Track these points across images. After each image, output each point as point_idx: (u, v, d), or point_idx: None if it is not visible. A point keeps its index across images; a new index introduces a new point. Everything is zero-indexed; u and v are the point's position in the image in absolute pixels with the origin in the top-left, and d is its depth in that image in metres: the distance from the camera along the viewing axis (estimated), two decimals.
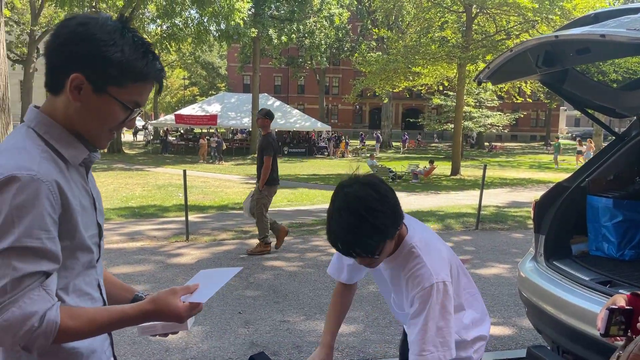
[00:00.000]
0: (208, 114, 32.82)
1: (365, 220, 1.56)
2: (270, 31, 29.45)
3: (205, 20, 27.90)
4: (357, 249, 1.60)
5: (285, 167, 24.56)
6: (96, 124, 1.23)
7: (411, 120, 50.20)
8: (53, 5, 33.39)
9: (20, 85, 39.32)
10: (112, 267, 6.06)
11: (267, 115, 6.67)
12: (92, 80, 1.18)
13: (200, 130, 38.37)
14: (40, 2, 36.79)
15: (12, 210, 1.07)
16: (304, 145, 35.16)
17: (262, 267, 6.17)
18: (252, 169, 22.84)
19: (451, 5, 20.95)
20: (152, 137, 38.97)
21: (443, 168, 22.16)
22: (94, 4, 25.42)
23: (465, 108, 31.27)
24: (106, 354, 1.33)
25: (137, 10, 28.85)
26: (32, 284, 1.08)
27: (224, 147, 28.73)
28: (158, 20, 28.35)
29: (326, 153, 34.52)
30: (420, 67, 20.69)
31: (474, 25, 20.28)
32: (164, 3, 24.22)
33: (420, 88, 25.91)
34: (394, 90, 25.55)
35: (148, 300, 1.23)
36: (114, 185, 14.97)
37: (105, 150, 29.95)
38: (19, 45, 39.31)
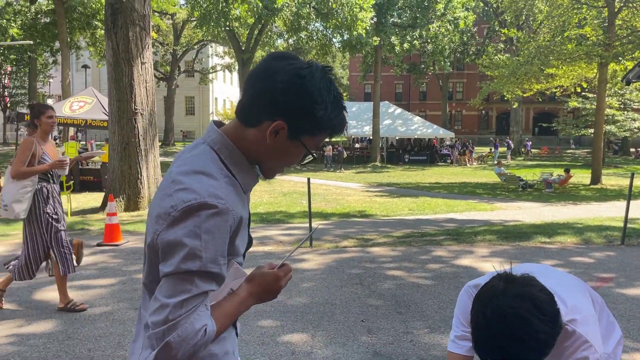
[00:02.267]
0: None
1: (523, 343, 1.38)
2: (393, 39, 29.40)
3: (329, 32, 28.65)
4: None
5: (406, 175, 24.25)
6: (278, 161, 1.34)
7: (544, 125, 46.94)
8: (193, 26, 36.53)
9: (164, 100, 43.57)
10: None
11: None
12: (291, 128, 1.26)
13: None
14: (181, 24, 40.47)
15: (203, 234, 1.15)
16: (425, 152, 34.48)
17: (384, 277, 6.12)
18: (372, 177, 22.90)
19: (591, 0, 19.26)
20: None
21: (581, 177, 20.36)
22: (228, 24, 27.31)
23: (608, 111, 28.47)
24: (235, 354, 1.39)
25: (266, 27, 30.48)
26: (201, 302, 1.18)
27: (345, 155, 29.12)
28: (285, 35, 29.64)
29: (449, 160, 33.50)
30: (554, 69, 19.27)
31: (617, 21, 18.44)
32: (291, 18, 25.28)
33: (554, 90, 24.12)
34: (525, 94, 24.06)
35: (247, 282, 1.34)
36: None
37: None
38: (163, 64, 43.52)
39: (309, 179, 8.60)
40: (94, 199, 13.21)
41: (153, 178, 11.53)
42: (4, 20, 24.58)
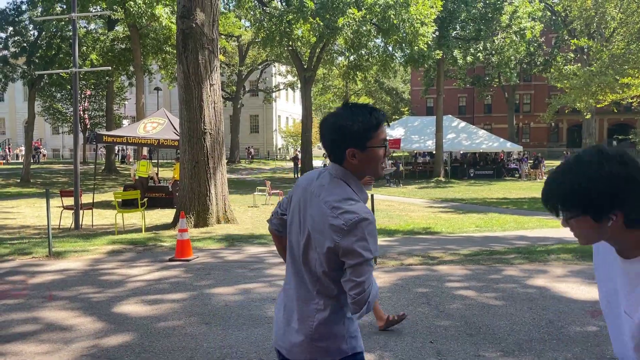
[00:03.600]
0: (392, 138, 33.38)
1: (569, 173, 1.34)
2: (455, 52, 28.95)
3: (389, 47, 28.63)
4: (552, 197, 1.38)
5: (472, 190, 23.62)
6: (373, 166, 1.93)
7: (620, 137, 44.37)
8: (257, 47, 37.64)
9: (230, 119, 45.03)
10: None
11: None
12: (358, 146, 1.90)
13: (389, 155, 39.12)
14: (246, 45, 41.81)
15: (367, 237, 1.79)
16: (491, 167, 33.48)
17: (452, 296, 5.96)
18: (436, 192, 22.47)
19: None
20: None
21: None
22: (290, 44, 27.92)
23: None
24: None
25: (327, 45, 30.89)
26: (371, 277, 1.83)
27: (401, 169, 28.64)
28: (346, 53, 29.90)
29: (517, 175, 32.32)
30: (630, 78, 18.25)
31: None
32: (352, 36, 25.50)
33: (630, 100, 22.81)
34: (599, 105, 22.90)
35: None
36: None
37: (299, 175, 32.34)
38: (229, 85, 45.02)
39: (372, 195, 8.56)
40: (165, 215, 13.79)
41: (221, 195, 11.90)
42: (85, 48, 26.39)
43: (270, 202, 17.65)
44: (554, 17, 39.82)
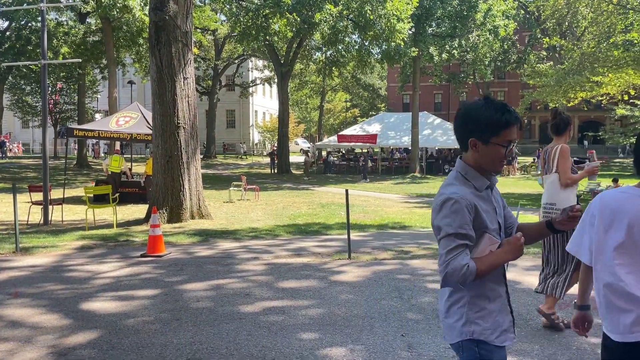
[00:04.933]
0: (368, 134, 33.52)
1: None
2: (431, 49, 29.15)
3: (366, 43, 28.69)
4: None
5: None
6: (491, 161, 2.11)
7: (590, 133, 45.42)
8: (234, 41, 37.32)
9: (206, 114, 44.54)
10: (281, 281, 6.42)
11: None
12: (481, 139, 2.09)
13: (360, 150, 39.29)
14: (222, 40, 41.40)
15: (450, 214, 2.02)
16: None
17: (424, 290, 6.01)
18: (411, 188, 22.64)
19: (638, 5, 18.62)
20: (316, 158, 40.94)
21: None
22: (267, 39, 27.74)
23: None
24: (508, 331, 2.15)
25: (304, 41, 30.79)
26: (461, 251, 1.99)
27: (369, 165, 28.71)
28: (323, 48, 29.85)
29: None
30: (600, 76, 18.66)
31: None
32: (329, 32, 25.45)
33: (600, 98, 23.33)
34: (569, 104, 23.35)
35: (500, 246, 2.10)
36: (283, 204, 15.97)
37: (276, 170, 32.26)
38: (205, 79, 44.53)
39: (347, 190, 8.58)
40: (138, 210, 13.58)
41: (195, 190, 11.77)
42: (55, 41, 25.74)
43: (246, 197, 17.54)
44: (527, 16, 40.44)
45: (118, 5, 22.00)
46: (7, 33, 25.54)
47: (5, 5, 23.08)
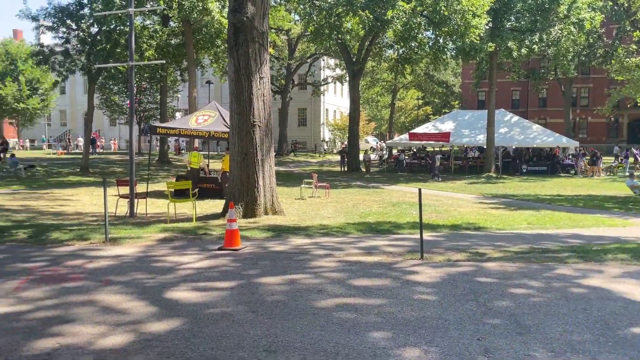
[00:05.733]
0: (441, 132, 32.80)
1: None
2: (510, 44, 28.02)
3: (440, 40, 28.08)
4: None
5: (524, 186, 22.92)
6: None
7: None
8: (306, 40, 37.78)
9: (278, 112, 45.43)
10: (353, 279, 6.45)
11: None
12: None
13: (432, 149, 38.55)
14: (296, 39, 42.05)
15: None
16: (545, 162, 32.33)
17: (501, 294, 5.82)
18: (486, 188, 21.92)
19: None
20: (387, 156, 40.63)
21: None
22: (339, 37, 27.86)
23: None
24: None
25: (376, 38, 30.62)
26: None
27: (438, 163, 27.91)
28: (395, 45, 29.55)
29: (573, 171, 31.07)
30: None
31: None
32: (401, 29, 25.15)
33: None
34: None
35: None
36: (353, 202, 16.00)
37: (346, 168, 32.35)
38: (279, 78, 45.43)
39: (420, 190, 8.46)
40: (214, 205, 14.11)
41: (269, 187, 12.06)
42: (141, 43, 27.25)
43: (317, 194, 17.74)
44: (615, 8, 37.87)
45: (198, 8, 22.93)
46: (98, 36, 27.33)
47: (96, 10, 24.72)
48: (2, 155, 32.66)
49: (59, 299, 5.64)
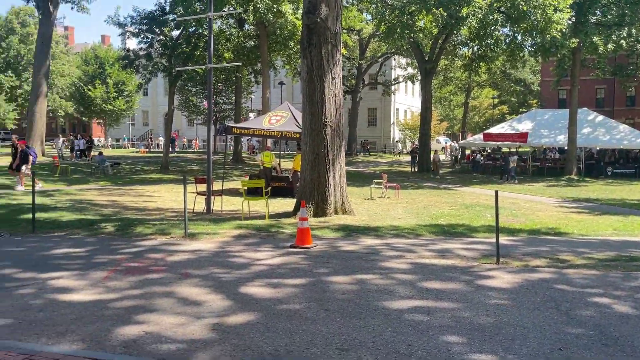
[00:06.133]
0: (518, 132, 31.51)
1: None
2: (595, 39, 26.43)
3: (518, 36, 27.00)
4: None
5: (609, 190, 21.57)
6: None
7: None
8: (378, 40, 37.59)
9: (348, 112, 45.52)
10: (425, 281, 6.36)
11: None
12: None
13: (508, 149, 37.12)
14: (367, 39, 41.94)
15: None
16: (634, 165, 30.22)
17: (585, 303, 5.51)
18: (567, 191, 20.81)
19: None
20: (459, 157, 39.58)
21: None
22: (411, 36, 27.49)
23: None
24: None
25: (450, 36, 29.94)
26: None
27: (511, 164, 26.66)
28: (470, 43, 28.77)
29: None
30: None
31: None
32: (477, 26, 24.42)
33: None
34: None
35: None
36: (424, 203, 15.74)
37: (416, 169, 31.86)
38: (349, 78, 45.53)
39: (496, 192, 8.18)
40: (286, 204, 14.38)
41: (339, 186, 12.13)
42: (218, 46, 28.30)
43: (386, 195, 17.61)
44: None
45: (272, 10, 23.46)
46: (179, 40, 28.66)
47: (178, 16, 25.93)
48: (87, 153, 35.04)
49: (143, 289, 5.98)
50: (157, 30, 28.27)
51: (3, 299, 5.54)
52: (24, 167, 17.38)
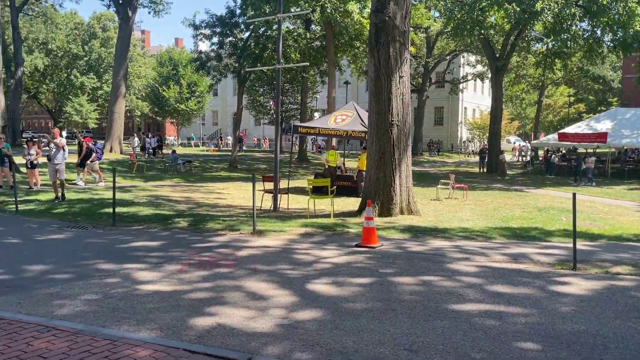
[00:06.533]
0: (596, 132, 29.80)
1: None
2: None
3: (597, 31, 25.57)
4: None
5: None
6: None
7: None
8: (446, 37, 36.81)
9: (414, 111, 44.89)
10: (496, 285, 6.16)
11: None
12: None
13: (584, 150, 35.21)
14: (434, 36, 41.17)
15: None
16: None
17: None
18: None
19: None
20: (532, 157, 37.99)
21: None
22: (482, 32, 26.68)
23: None
24: None
25: (523, 32, 28.81)
26: None
27: (584, 165, 25.17)
28: (544, 39, 27.56)
29: None
30: None
31: None
32: (552, 21, 23.33)
33: None
34: None
35: None
36: (493, 205, 15.24)
37: (485, 169, 30.92)
38: (416, 77, 44.88)
39: (574, 194, 7.78)
40: (350, 203, 14.40)
41: (405, 186, 11.99)
42: (286, 47, 28.78)
43: (454, 195, 17.21)
44: None
45: (339, 10, 23.55)
46: (248, 42, 29.41)
47: (248, 18, 26.61)
48: (158, 152, 36.76)
49: (214, 282, 6.20)
50: (227, 32, 29.15)
51: (89, 287, 5.93)
52: (89, 163, 18.56)
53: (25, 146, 17.74)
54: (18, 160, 17.87)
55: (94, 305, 5.23)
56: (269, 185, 13.74)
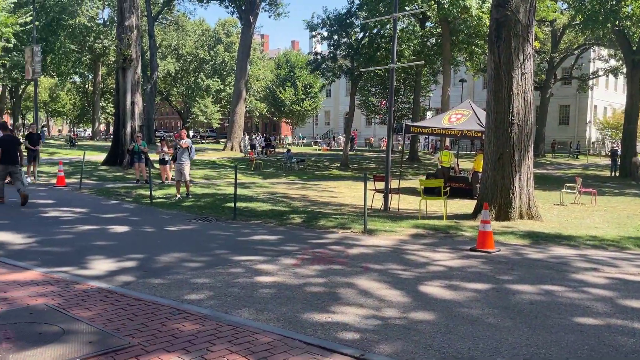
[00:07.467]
0: None
1: None
2: None
3: None
4: None
5: None
6: None
7: None
8: (574, 30, 34.15)
9: (536, 110, 42.22)
10: (629, 300, 5.63)
11: None
12: None
13: None
14: (561, 30, 38.36)
15: None
16: None
17: None
18: None
19: None
20: None
21: None
22: (617, 24, 24.36)
23: None
24: None
25: None
26: None
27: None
28: None
29: None
30: None
31: None
32: None
33: None
34: None
35: None
36: (627, 212, 13.89)
37: (617, 173, 28.20)
38: (539, 73, 42.17)
39: None
40: (464, 205, 13.95)
41: (525, 189, 11.35)
42: (401, 45, 28.56)
43: (580, 201, 15.93)
44: None
45: (458, 5, 22.87)
46: (362, 41, 29.64)
47: (364, 18, 26.82)
48: (267, 151, 38.53)
49: (327, 278, 6.36)
50: (343, 33, 29.61)
51: (214, 276, 6.39)
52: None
53: (159, 144, 19.48)
54: (153, 157, 19.68)
55: (218, 292, 5.62)
56: (380, 185, 13.76)
